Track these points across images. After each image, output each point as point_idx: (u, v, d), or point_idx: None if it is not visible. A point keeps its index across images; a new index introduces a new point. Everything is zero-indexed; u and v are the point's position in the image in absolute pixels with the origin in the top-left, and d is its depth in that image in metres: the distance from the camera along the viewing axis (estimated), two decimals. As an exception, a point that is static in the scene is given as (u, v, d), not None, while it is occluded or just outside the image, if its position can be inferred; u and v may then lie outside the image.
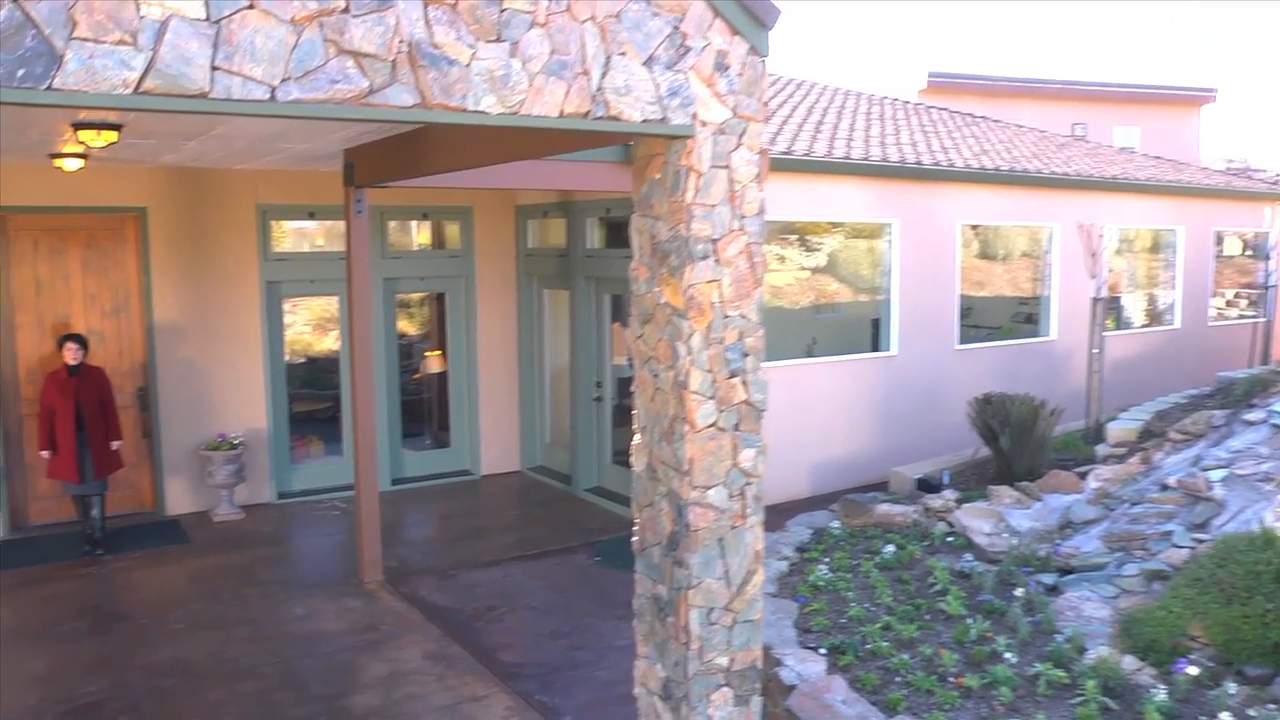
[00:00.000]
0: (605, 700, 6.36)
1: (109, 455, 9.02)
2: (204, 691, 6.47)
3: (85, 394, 8.83)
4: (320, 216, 10.69)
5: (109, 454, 9.02)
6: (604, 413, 10.86)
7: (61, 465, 8.82)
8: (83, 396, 8.81)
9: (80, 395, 8.80)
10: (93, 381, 8.95)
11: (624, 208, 9.99)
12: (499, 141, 5.82)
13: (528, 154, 5.77)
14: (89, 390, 8.87)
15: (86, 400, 8.82)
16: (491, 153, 6.01)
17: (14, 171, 9.26)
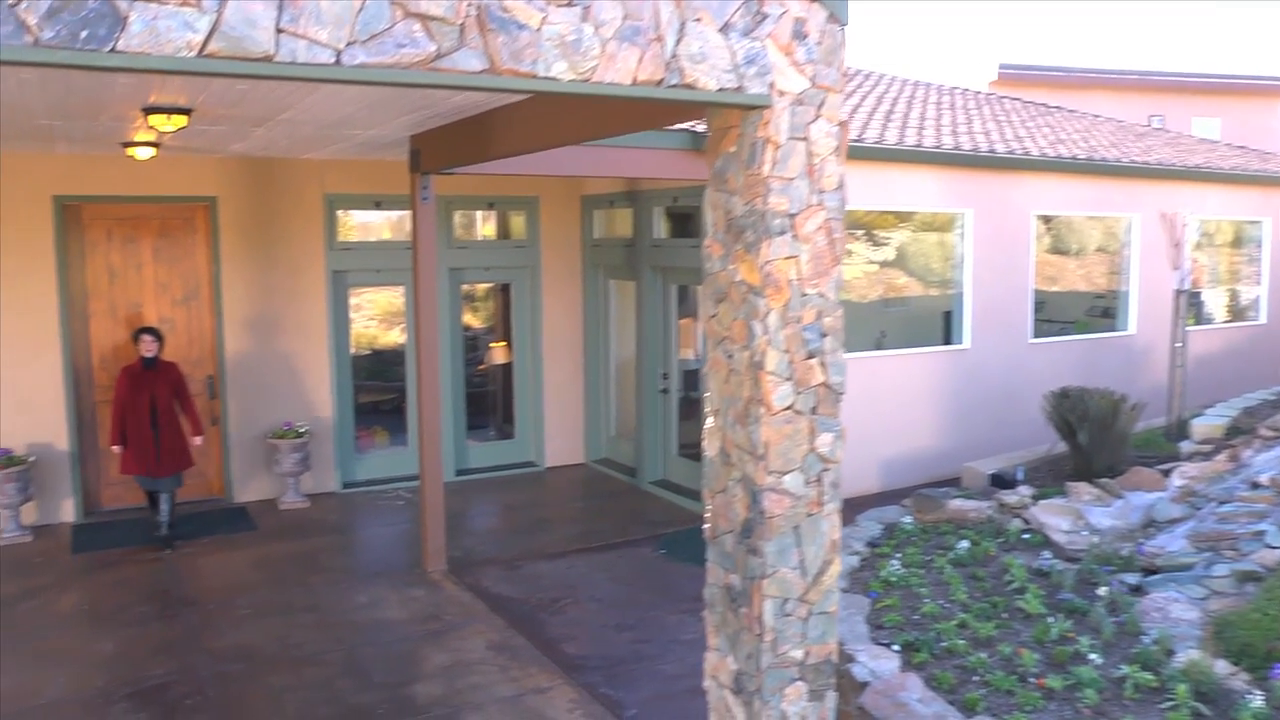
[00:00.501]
0: (671, 694, 6.22)
1: (181, 450, 8.92)
2: (267, 677, 6.45)
3: (159, 388, 8.73)
4: (386, 206, 10.68)
5: (181, 449, 8.91)
6: (670, 405, 10.72)
7: (133, 460, 8.72)
8: (157, 390, 8.71)
9: (154, 389, 8.70)
10: (167, 376, 8.84)
11: (692, 197, 9.86)
12: (566, 121, 5.71)
13: (596, 133, 5.63)
14: (163, 384, 8.76)
15: (160, 394, 8.72)
16: (558, 133, 5.90)
17: (89, 161, 9.37)
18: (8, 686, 6.34)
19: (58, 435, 9.52)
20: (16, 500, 9.02)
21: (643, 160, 9.08)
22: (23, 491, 9.05)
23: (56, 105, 6.38)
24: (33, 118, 6.86)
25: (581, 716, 5.92)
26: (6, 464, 8.98)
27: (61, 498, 9.60)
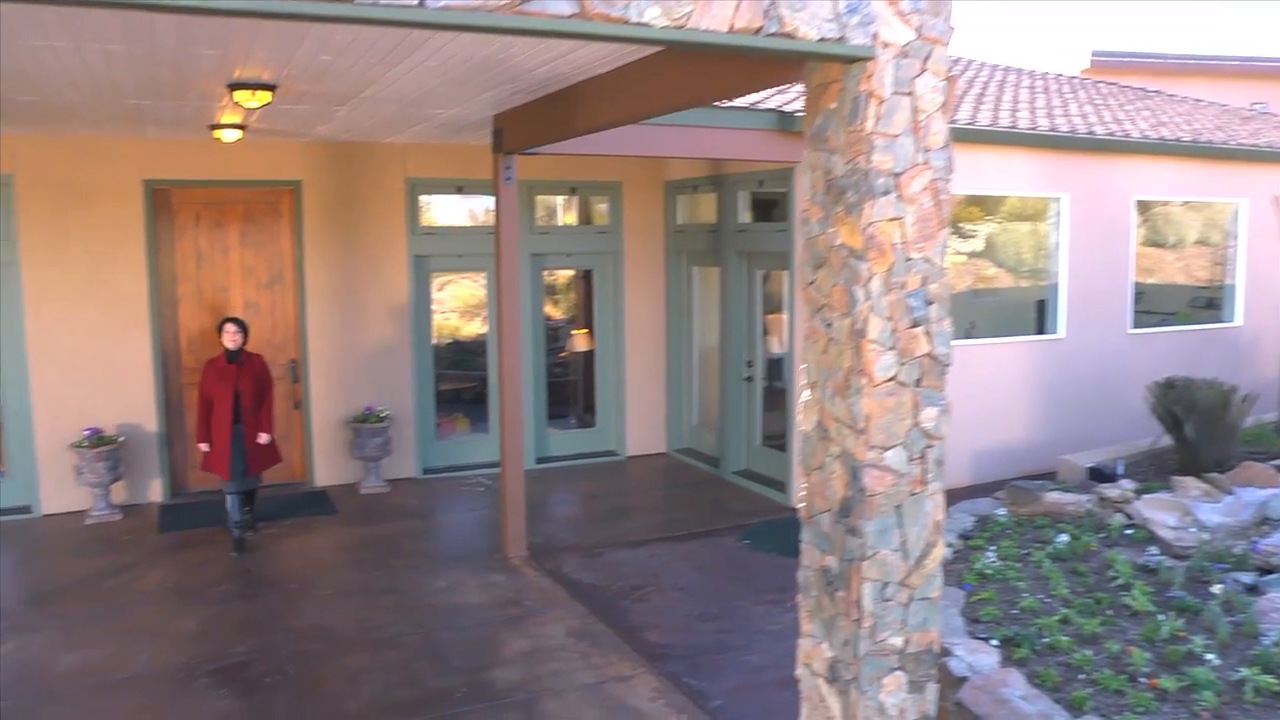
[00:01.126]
0: (757, 685, 6.02)
1: (266, 450, 8.43)
2: (346, 658, 6.39)
3: (244, 383, 8.23)
4: (468, 190, 10.62)
5: (266, 448, 8.43)
6: (754, 393, 10.50)
7: (216, 459, 8.23)
8: (242, 386, 8.21)
9: (239, 384, 8.20)
10: (252, 370, 8.34)
11: (778, 181, 9.62)
12: (653, 89, 5.53)
13: (684, 100, 5.43)
14: (248, 379, 8.26)
15: (245, 390, 8.22)
16: (645, 103, 5.71)
17: (178, 146, 9.45)
18: (96, 659, 6.38)
19: (146, 416, 9.63)
20: (106, 479, 9.13)
21: (729, 141, 8.88)
22: (112, 471, 9.16)
23: (145, 83, 6.39)
24: (122, 97, 6.89)
25: (664, 706, 5.75)
26: (96, 443, 9.10)
27: (149, 478, 9.71)
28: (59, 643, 6.64)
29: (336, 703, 5.79)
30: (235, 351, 8.27)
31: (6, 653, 6.51)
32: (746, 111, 8.93)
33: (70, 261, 9.27)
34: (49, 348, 9.27)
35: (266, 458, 8.47)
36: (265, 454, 8.44)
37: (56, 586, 7.67)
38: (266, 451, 8.45)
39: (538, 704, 5.77)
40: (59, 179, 9.18)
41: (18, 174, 9.06)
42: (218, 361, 8.34)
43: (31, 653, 6.51)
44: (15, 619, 7.05)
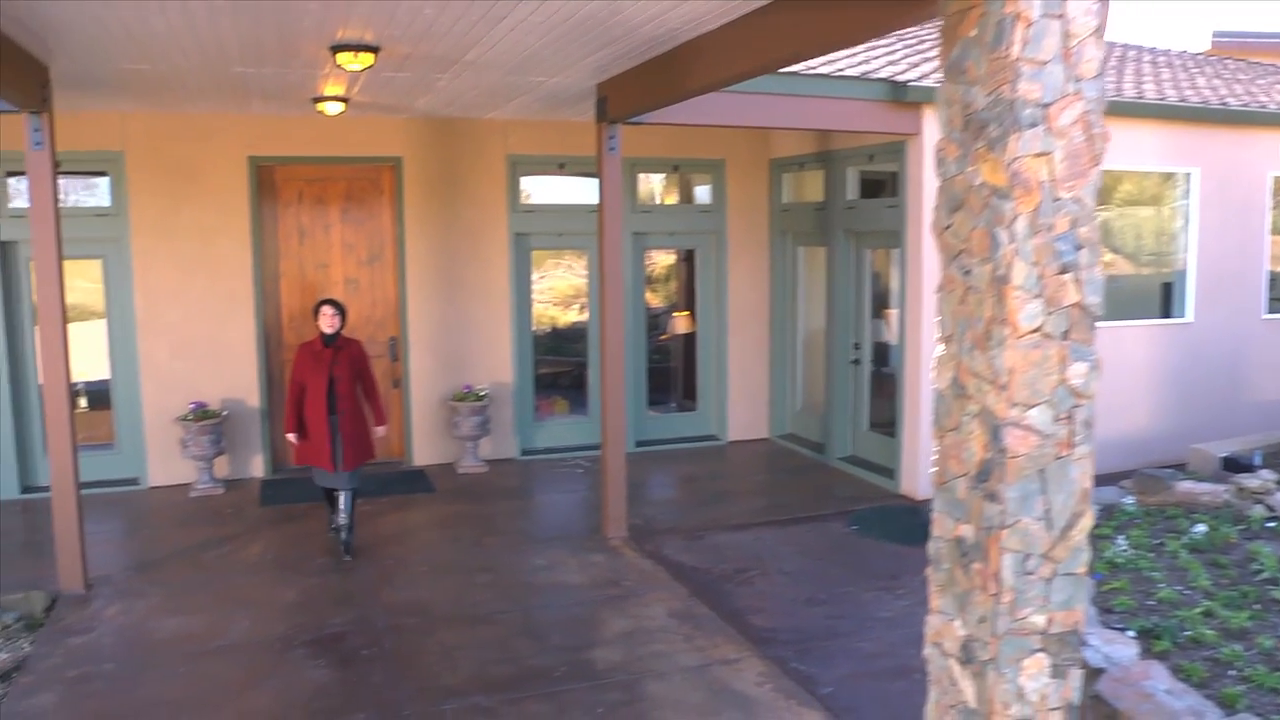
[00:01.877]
0: (870, 673, 5.71)
1: (363, 442, 7.72)
2: (443, 633, 6.25)
3: (340, 369, 7.56)
4: (570, 168, 10.45)
5: (363, 440, 7.71)
6: (861, 377, 10.13)
7: (311, 450, 7.62)
8: (338, 372, 7.54)
9: (335, 370, 7.54)
10: (349, 356, 7.64)
11: (888, 155, 9.26)
12: (768, 39, 5.25)
13: (796, 50, 5.13)
14: (344, 366, 7.59)
15: (341, 376, 7.56)
16: (759, 55, 5.42)
17: (282, 123, 9.46)
18: (196, 626, 6.35)
19: (249, 392, 9.67)
20: (210, 453, 9.18)
21: (839, 112, 8.58)
22: (216, 445, 9.21)
23: (250, 47, 6.33)
24: (228, 64, 6.85)
25: (772, 691, 5.47)
26: (201, 417, 9.15)
27: (251, 453, 9.75)
28: (162, 609, 6.64)
29: (433, 677, 5.65)
30: (332, 336, 7.60)
31: (111, 617, 6.53)
32: (857, 81, 8.59)
33: (177, 237, 9.35)
34: (156, 323, 9.37)
35: (362, 451, 7.72)
36: (361, 447, 7.71)
37: (161, 555, 7.70)
38: (363, 445, 7.72)
39: (639, 685, 5.54)
40: (167, 156, 9.26)
41: (128, 151, 9.16)
42: (312, 345, 7.66)
43: (135, 617, 6.52)
44: (121, 585, 7.08)
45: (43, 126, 6.59)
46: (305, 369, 7.60)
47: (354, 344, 7.77)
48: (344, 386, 7.59)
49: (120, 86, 7.64)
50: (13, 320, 9.14)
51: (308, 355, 7.63)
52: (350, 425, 7.60)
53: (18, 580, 7.09)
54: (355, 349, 7.75)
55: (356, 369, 7.68)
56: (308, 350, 7.66)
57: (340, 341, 7.65)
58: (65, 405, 6.86)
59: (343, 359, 7.61)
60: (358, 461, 7.66)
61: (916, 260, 8.93)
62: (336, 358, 7.58)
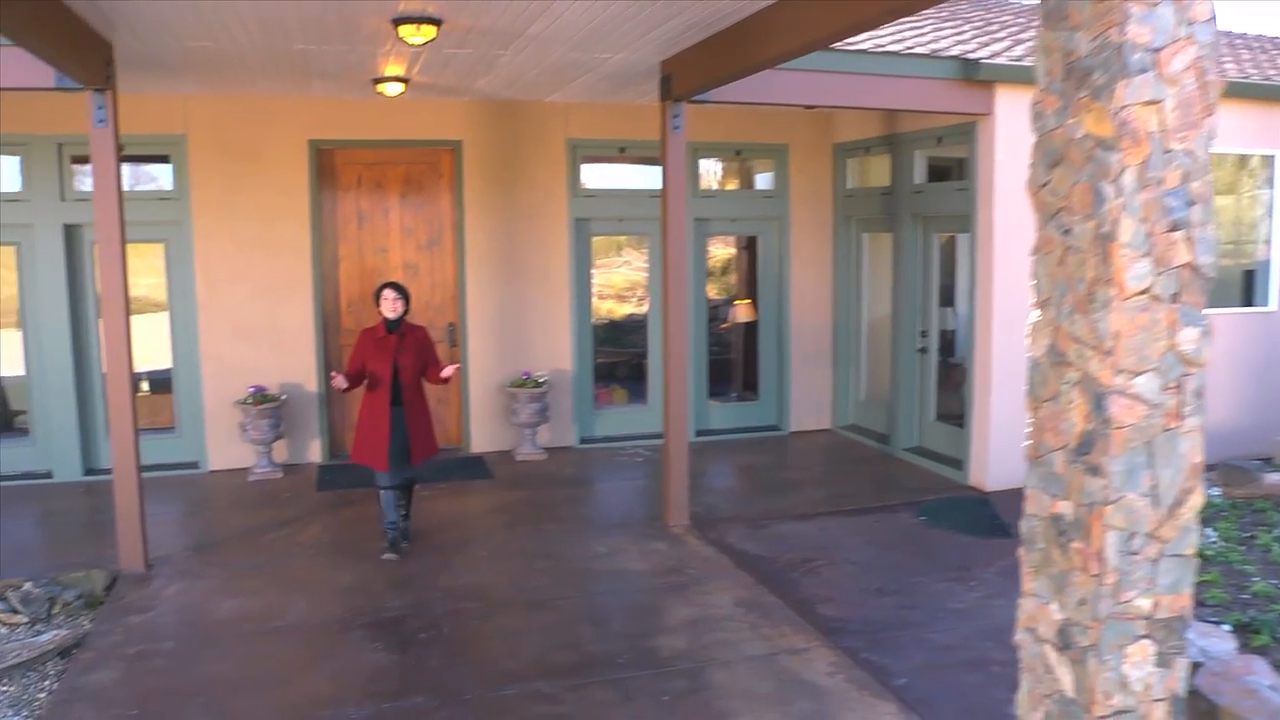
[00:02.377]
0: (944, 665, 5.48)
1: (429, 437, 7.24)
2: (502, 618, 6.13)
3: (405, 357, 7.04)
4: (630, 152, 10.29)
5: (429, 435, 7.24)
6: (928, 365, 9.85)
7: (370, 446, 7.05)
8: (403, 360, 7.02)
9: (400, 358, 7.02)
10: (415, 343, 7.13)
11: (958, 137, 9.00)
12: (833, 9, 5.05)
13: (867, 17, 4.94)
14: (410, 353, 7.06)
15: (406, 365, 7.04)
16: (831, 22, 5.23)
17: (342, 106, 9.41)
18: (254, 607, 6.29)
19: (307, 377, 9.63)
20: (269, 437, 9.15)
21: (909, 91, 8.34)
22: (274, 429, 9.17)
23: (310, 21, 6.24)
24: (289, 40, 6.78)
25: (844, 682, 5.27)
26: (260, 400, 9.12)
27: (309, 438, 9.71)
28: (220, 590, 6.59)
29: (493, 662, 5.52)
30: (395, 321, 7.08)
31: (171, 596, 6.49)
32: (927, 59, 8.35)
33: (238, 221, 9.33)
34: (217, 306, 9.35)
35: (428, 445, 7.23)
36: (428, 442, 7.22)
37: (220, 537, 7.66)
38: (429, 439, 7.23)
39: (705, 673, 5.36)
40: (229, 139, 9.24)
41: (190, 134, 9.16)
42: (375, 332, 7.12)
43: (194, 597, 6.47)
44: (181, 565, 7.04)
45: (106, 104, 6.56)
46: (368, 356, 7.06)
47: (419, 330, 7.25)
48: (409, 376, 7.06)
49: (182, 66, 7.60)
50: (77, 306, 9.17)
51: (370, 342, 7.08)
52: (415, 418, 7.10)
53: (79, 559, 7.09)
54: (420, 335, 7.23)
55: (422, 357, 7.17)
56: (370, 337, 7.11)
57: (404, 327, 7.13)
58: (127, 385, 6.84)
59: (408, 346, 7.08)
60: (423, 456, 7.20)
61: (988, 244, 8.65)
62: (401, 345, 7.05)
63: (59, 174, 8.96)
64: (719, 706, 5.00)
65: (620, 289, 11.28)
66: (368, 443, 7.04)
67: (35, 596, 6.36)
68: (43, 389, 9.17)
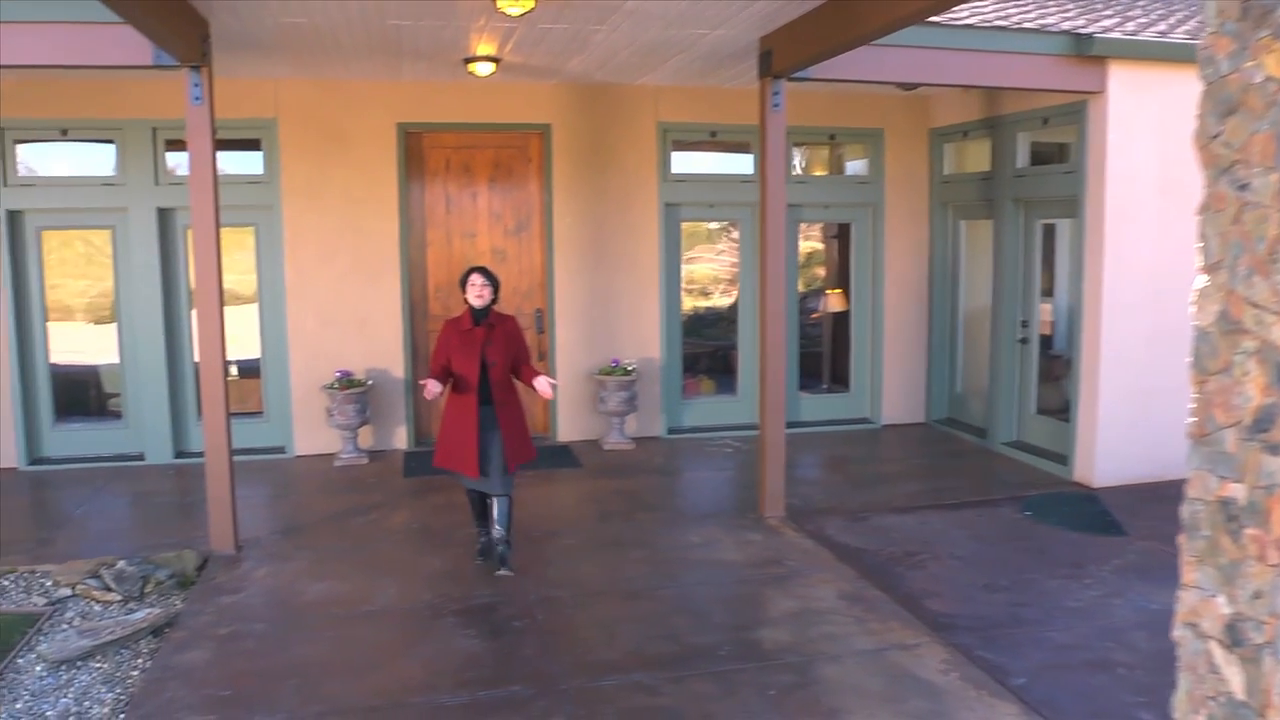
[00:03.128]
0: (1065, 665, 5.18)
1: (523, 439, 6.44)
2: (597, 607, 5.95)
3: (495, 351, 6.30)
4: (721, 136, 10.06)
5: (523, 437, 6.44)
6: (1029, 357, 9.48)
7: (453, 451, 6.33)
8: (491, 355, 6.29)
9: (488, 353, 6.30)
10: (505, 335, 6.39)
11: (1065, 117, 8.63)
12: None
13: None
14: (499, 346, 6.32)
15: (496, 361, 6.30)
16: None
17: (431, 89, 9.32)
18: (343, 591, 6.19)
19: (394, 362, 9.56)
20: (355, 422, 9.09)
21: (1015, 67, 8.03)
22: (361, 414, 9.12)
23: (406, -5, 6.14)
24: (384, 15, 6.67)
25: (959, 680, 5.00)
26: (346, 385, 9.07)
27: (395, 424, 9.64)
28: (309, 573, 6.51)
29: (589, 651, 5.34)
30: (483, 310, 6.38)
31: (260, 578, 6.43)
32: (1036, 34, 8.02)
33: (327, 205, 9.29)
34: (305, 291, 9.32)
35: (522, 449, 6.44)
36: (521, 445, 6.43)
37: (307, 521, 7.60)
38: (523, 442, 6.45)
39: (812, 667, 5.13)
40: (318, 123, 9.20)
41: (281, 117, 9.14)
42: (460, 323, 6.40)
43: (284, 580, 6.40)
44: (270, 548, 6.99)
45: (202, 81, 6.51)
46: (453, 349, 6.34)
47: (508, 320, 6.51)
48: (498, 373, 6.31)
49: (275, 45, 7.55)
50: (170, 292, 9.21)
51: (454, 334, 6.37)
52: (508, 419, 6.35)
53: (170, 539, 7.09)
54: (510, 326, 6.47)
55: (512, 351, 6.42)
56: (454, 329, 6.40)
57: (493, 317, 6.40)
58: (220, 369, 6.80)
59: (497, 338, 6.34)
60: (517, 462, 6.39)
61: (1098, 229, 8.27)
62: (489, 337, 6.32)
63: (153, 157, 9.00)
64: (829, 703, 4.76)
65: (707, 278, 11.04)
66: (454, 446, 6.31)
67: (129, 575, 6.33)
68: (136, 374, 9.23)
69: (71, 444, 9.24)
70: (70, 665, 5.36)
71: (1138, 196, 8.24)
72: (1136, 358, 8.37)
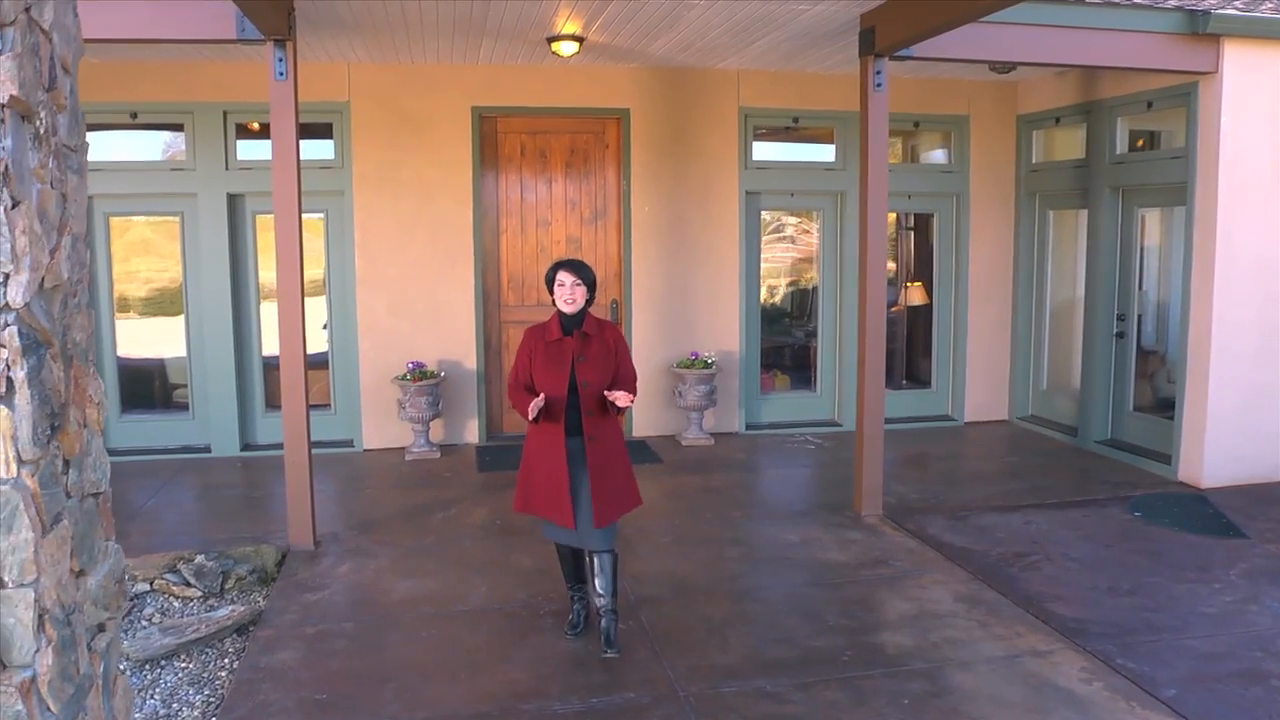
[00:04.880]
0: (1215, 676, 4.82)
1: (626, 483, 5.04)
2: (703, 608, 5.64)
3: (590, 370, 4.88)
4: (803, 122, 9.73)
5: (625, 480, 5.04)
6: (1126, 352, 9.08)
7: (545, 494, 4.96)
8: (587, 374, 4.87)
9: (582, 371, 4.87)
10: (604, 348, 4.97)
11: (1173, 100, 8.26)
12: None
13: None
14: (596, 363, 4.91)
15: (590, 380, 4.87)
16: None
17: (505, 73, 9.06)
18: (431, 589, 5.93)
19: (466, 354, 9.30)
20: (427, 415, 8.83)
21: (1121, 47, 7.65)
22: (433, 406, 8.86)
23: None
24: (467, -10, 6.42)
25: (1104, 691, 4.65)
26: (419, 376, 8.82)
27: (466, 417, 9.38)
28: (392, 570, 6.25)
29: (703, 655, 5.03)
30: (575, 316, 4.97)
31: (343, 575, 6.18)
32: (1145, 11, 7.64)
33: (399, 191, 9.04)
34: (376, 279, 9.08)
35: (624, 495, 5.04)
36: (624, 490, 5.04)
37: (384, 516, 7.35)
38: (625, 486, 5.05)
39: (943, 674, 4.80)
40: (391, 107, 8.96)
41: (353, 101, 8.90)
42: (545, 332, 5.00)
43: (367, 576, 6.15)
44: (349, 543, 6.75)
45: (287, 56, 6.27)
46: (537, 365, 4.94)
47: (608, 328, 5.08)
48: (593, 396, 4.90)
49: (353, 25, 7.31)
50: (237, 281, 9.00)
51: (538, 347, 4.97)
52: (604, 455, 4.93)
53: (245, 534, 6.87)
54: (611, 336, 5.05)
55: (612, 369, 4.98)
56: (538, 339, 5.00)
57: (589, 325, 4.99)
58: (300, 357, 6.60)
59: (593, 352, 4.94)
60: (617, 512, 4.99)
61: (1209, 218, 7.87)
62: (584, 351, 4.93)
63: (223, 141, 8.80)
64: (969, 712, 4.43)
65: (788, 265, 10.65)
66: (539, 488, 4.99)
67: (209, 570, 6.10)
68: (202, 366, 9.04)
69: (137, 435, 9.05)
70: (154, 664, 5.12)
71: (1250, 183, 7.84)
72: (1248, 352, 7.97)
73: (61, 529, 2.03)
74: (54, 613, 2.00)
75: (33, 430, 1.89)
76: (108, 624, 2.32)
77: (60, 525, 2.02)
